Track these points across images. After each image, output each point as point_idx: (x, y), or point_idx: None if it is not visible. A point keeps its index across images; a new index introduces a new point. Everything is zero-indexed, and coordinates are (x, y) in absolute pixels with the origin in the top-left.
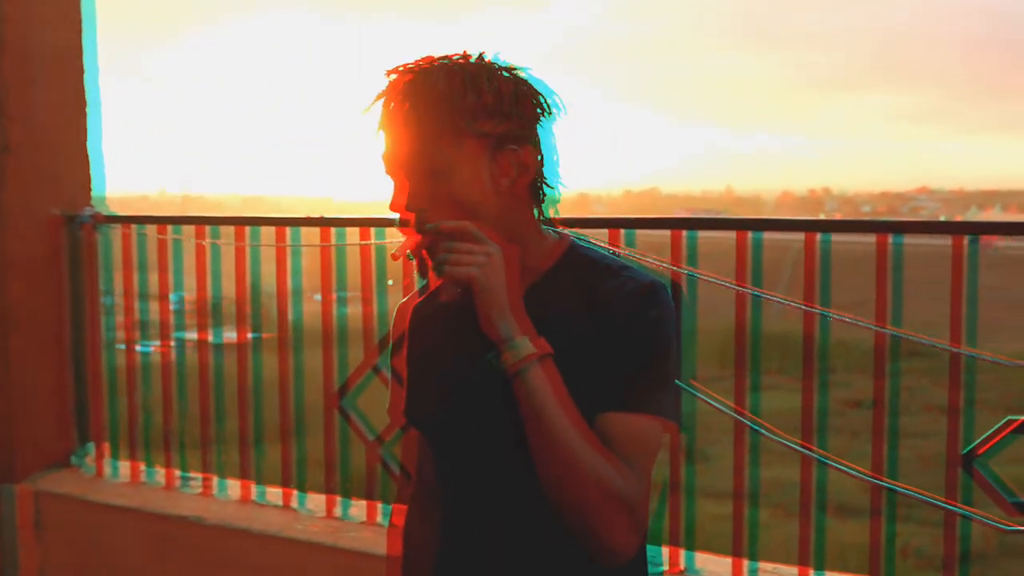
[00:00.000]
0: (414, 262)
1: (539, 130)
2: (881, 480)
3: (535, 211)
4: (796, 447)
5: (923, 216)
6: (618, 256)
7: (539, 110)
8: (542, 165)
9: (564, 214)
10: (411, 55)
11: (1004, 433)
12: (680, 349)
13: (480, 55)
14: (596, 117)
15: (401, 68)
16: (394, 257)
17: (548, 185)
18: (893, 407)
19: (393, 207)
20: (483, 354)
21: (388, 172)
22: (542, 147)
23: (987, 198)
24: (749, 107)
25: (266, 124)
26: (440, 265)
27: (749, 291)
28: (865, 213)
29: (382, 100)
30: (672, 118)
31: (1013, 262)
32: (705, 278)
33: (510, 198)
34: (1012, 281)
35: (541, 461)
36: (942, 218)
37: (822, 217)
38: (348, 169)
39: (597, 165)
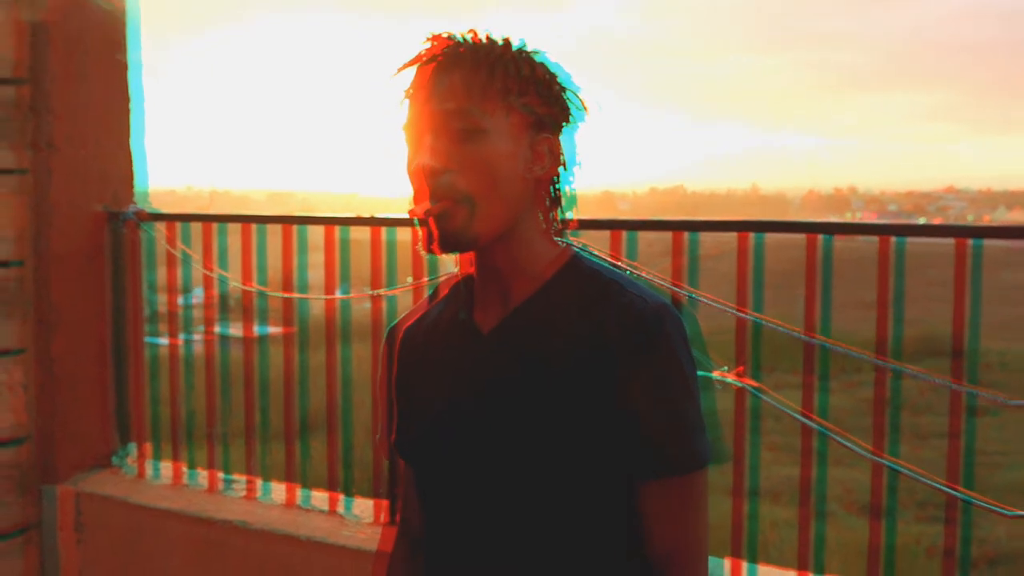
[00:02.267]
0: (420, 233)
1: (569, 127)
2: (953, 488)
3: (549, 212)
4: (867, 454)
5: (951, 216)
6: (622, 271)
7: (573, 107)
8: (565, 163)
9: (585, 214)
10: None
11: None
12: (695, 374)
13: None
14: (616, 117)
15: (447, 33)
16: (411, 214)
17: (564, 187)
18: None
19: (413, 170)
20: (482, 377)
21: (417, 132)
22: (569, 144)
23: (1015, 198)
24: (774, 107)
25: (292, 120)
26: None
27: (749, 317)
28: (891, 212)
29: (426, 59)
30: (696, 117)
31: None
32: (708, 302)
33: (534, 189)
34: None
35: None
36: (970, 217)
37: (848, 216)
38: (375, 165)
39: (622, 163)
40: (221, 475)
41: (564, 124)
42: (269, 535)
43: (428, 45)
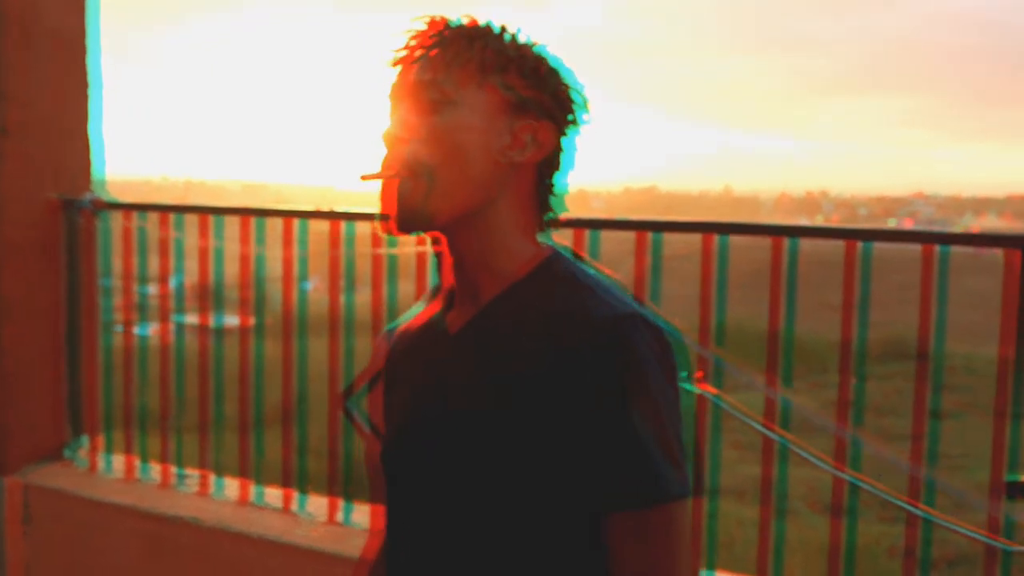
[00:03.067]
0: (379, 210)
1: (565, 119)
2: (913, 506)
3: (529, 205)
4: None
5: (920, 221)
6: (605, 277)
7: (570, 100)
8: (556, 157)
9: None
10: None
11: None
12: (672, 395)
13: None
14: (595, 115)
15: (441, 15)
16: (362, 178)
17: (552, 184)
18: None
19: (383, 137)
20: (445, 380)
21: (392, 103)
22: (562, 139)
23: (982, 204)
24: (748, 109)
25: (270, 111)
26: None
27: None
28: (862, 216)
29: (415, 36)
30: (671, 118)
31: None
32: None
33: (510, 176)
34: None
35: None
36: (938, 223)
37: (820, 219)
38: (351, 158)
39: (597, 162)
40: (174, 470)
41: (559, 118)
42: (221, 533)
43: (421, 25)
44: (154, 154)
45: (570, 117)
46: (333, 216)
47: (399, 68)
